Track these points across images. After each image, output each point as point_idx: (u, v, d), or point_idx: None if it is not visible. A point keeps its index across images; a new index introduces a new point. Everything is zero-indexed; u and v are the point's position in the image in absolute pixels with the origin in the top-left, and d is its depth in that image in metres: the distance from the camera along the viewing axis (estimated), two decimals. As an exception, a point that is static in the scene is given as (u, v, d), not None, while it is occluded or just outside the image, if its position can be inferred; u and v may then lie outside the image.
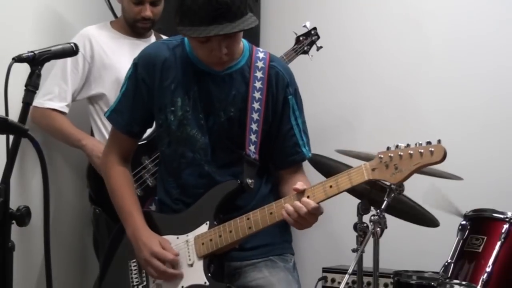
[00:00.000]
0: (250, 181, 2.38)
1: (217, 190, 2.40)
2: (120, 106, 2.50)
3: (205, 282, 2.34)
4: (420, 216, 3.22)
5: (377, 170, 2.14)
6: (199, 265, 2.37)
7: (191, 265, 2.38)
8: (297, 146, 2.47)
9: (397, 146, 2.12)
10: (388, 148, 2.14)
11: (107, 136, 3.33)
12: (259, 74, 2.41)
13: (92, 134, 3.41)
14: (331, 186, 2.22)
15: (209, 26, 2.18)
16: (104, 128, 3.36)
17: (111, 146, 2.57)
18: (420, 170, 2.12)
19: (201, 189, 2.43)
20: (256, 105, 2.39)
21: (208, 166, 2.43)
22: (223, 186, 2.40)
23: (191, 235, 2.41)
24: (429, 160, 2.07)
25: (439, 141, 2.07)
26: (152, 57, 2.44)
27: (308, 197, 2.23)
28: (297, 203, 2.23)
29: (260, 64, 2.42)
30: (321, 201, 2.24)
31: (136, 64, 2.47)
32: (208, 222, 2.38)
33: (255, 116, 2.39)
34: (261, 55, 2.45)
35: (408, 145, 2.10)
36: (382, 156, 2.13)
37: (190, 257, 2.39)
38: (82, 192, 3.43)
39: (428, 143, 2.07)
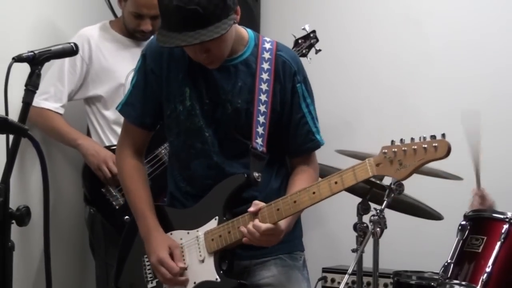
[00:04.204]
0: (257, 174, 2.36)
1: (225, 184, 2.39)
2: (131, 98, 2.49)
3: (216, 279, 2.34)
4: (423, 213, 3.24)
5: (381, 166, 2.13)
6: (210, 261, 2.37)
7: (202, 261, 2.39)
8: (311, 134, 2.45)
9: (401, 141, 2.11)
10: (392, 142, 2.12)
11: (103, 137, 3.35)
12: (266, 66, 2.38)
13: (88, 135, 3.41)
14: (336, 183, 2.20)
15: (179, 33, 2.18)
16: (100, 129, 3.36)
17: (124, 140, 2.55)
18: (425, 165, 2.10)
19: (210, 180, 2.42)
20: (263, 97, 2.37)
21: (217, 157, 2.41)
22: (230, 180, 2.39)
23: (201, 231, 2.40)
24: (433, 156, 2.06)
25: (443, 135, 2.05)
26: (159, 47, 2.40)
27: (314, 193, 2.21)
28: (250, 227, 2.26)
29: (266, 55, 2.40)
30: (326, 197, 2.22)
31: (144, 56, 2.46)
32: (217, 217, 2.38)
33: (262, 108, 2.37)
34: (267, 45, 2.42)
35: (412, 139, 2.09)
36: (386, 151, 2.11)
37: (201, 253, 2.39)
38: (81, 190, 3.42)
39: (433, 137, 2.06)
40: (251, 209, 2.28)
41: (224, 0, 2.18)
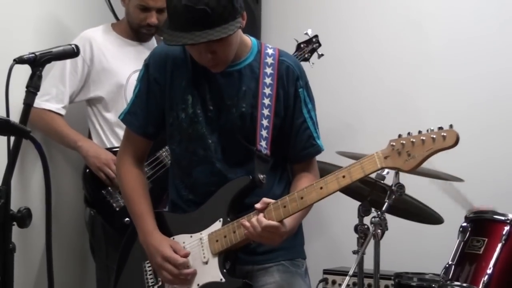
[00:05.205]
0: (261, 176, 2.36)
1: (230, 186, 2.39)
2: (134, 108, 2.49)
3: (221, 279, 2.33)
4: (424, 215, 3.23)
5: (390, 158, 2.12)
6: (214, 262, 2.36)
7: (206, 263, 2.38)
8: (312, 139, 2.45)
9: (408, 133, 2.11)
10: (399, 136, 2.12)
11: (104, 139, 3.35)
12: (268, 70, 2.39)
13: (89, 137, 3.41)
14: (344, 176, 2.19)
15: (186, 32, 2.18)
16: (101, 130, 3.36)
17: (126, 147, 2.55)
18: (433, 155, 2.09)
19: (212, 187, 2.41)
20: (266, 101, 2.38)
21: (220, 164, 2.41)
22: (235, 182, 2.39)
23: (204, 233, 2.40)
24: (442, 145, 2.05)
25: (451, 125, 2.06)
26: (163, 56, 2.43)
27: (321, 188, 2.21)
28: (253, 221, 2.25)
29: (269, 60, 2.41)
30: (334, 191, 2.21)
31: (147, 65, 2.46)
32: (221, 219, 2.37)
33: (265, 111, 2.37)
34: (270, 51, 2.44)
35: (420, 132, 2.09)
36: (394, 143, 2.11)
37: (205, 254, 2.38)
38: (82, 192, 3.43)
39: (440, 128, 2.06)
40: (258, 205, 2.28)
41: (232, 3, 2.20)
